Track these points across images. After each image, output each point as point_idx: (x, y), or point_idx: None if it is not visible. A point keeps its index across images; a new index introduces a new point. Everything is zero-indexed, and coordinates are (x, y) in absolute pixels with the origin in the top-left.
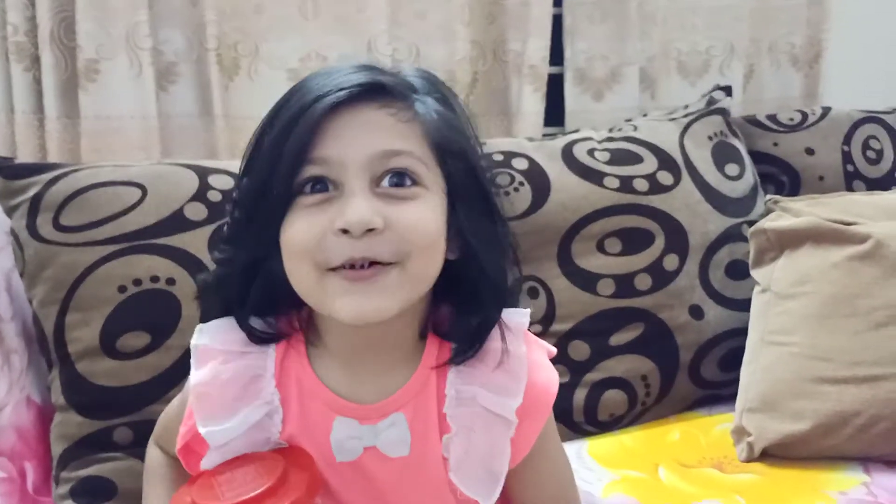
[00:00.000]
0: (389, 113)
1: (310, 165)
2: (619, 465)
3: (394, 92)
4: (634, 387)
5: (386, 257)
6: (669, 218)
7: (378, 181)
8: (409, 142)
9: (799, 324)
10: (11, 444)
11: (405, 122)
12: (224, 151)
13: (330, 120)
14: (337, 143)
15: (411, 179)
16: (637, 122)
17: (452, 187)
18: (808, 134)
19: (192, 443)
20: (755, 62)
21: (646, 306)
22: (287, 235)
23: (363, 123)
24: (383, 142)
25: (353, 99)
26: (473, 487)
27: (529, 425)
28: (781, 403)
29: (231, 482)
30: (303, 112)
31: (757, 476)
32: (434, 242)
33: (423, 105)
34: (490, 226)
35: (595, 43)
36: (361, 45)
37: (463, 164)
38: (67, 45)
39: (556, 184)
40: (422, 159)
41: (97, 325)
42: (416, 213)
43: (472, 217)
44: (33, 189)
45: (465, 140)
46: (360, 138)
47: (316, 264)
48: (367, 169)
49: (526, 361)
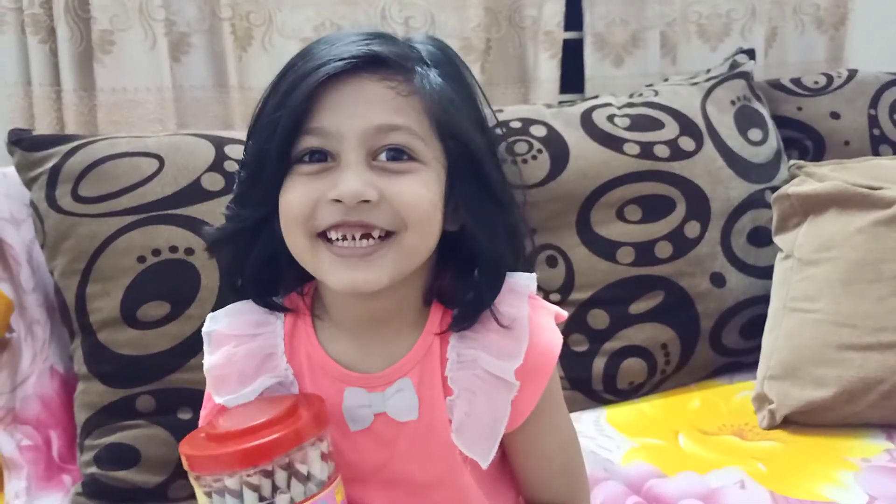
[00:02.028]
0: (389, 86)
1: (308, 136)
2: (639, 433)
3: (394, 64)
4: (654, 355)
5: (381, 224)
6: (691, 184)
7: (375, 155)
8: (407, 117)
9: (822, 290)
10: (36, 413)
11: (405, 95)
12: (239, 122)
13: (329, 90)
14: (335, 114)
15: (408, 154)
16: (658, 87)
17: (451, 163)
18: (833, 98)
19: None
20: (778, 25)
21: (666, 274)
22: (284, 201)
23: (361, 95)
24: (381, 116)
25: (352, 70)
26: (473, 448)
27: (531, 387)
28: (804, 370)
29: (244, 414)
30: (301, 81)
31: (778, 443)
32: (428, 217)
33: (426, 78)
34: (489, 202)
35: (614, 7)
36: (375, 13)
37: (463, 140)
38: (82, 16)
39: (575, 151)
40: (419, 135)
41: (118, 295)
42: (410, 188)
43: (470, 193)
44: (52, 161)
45: (468, 115)
46: (359, 111)
47: (309, 231)
48: (364, 142)
49: (527, 324)
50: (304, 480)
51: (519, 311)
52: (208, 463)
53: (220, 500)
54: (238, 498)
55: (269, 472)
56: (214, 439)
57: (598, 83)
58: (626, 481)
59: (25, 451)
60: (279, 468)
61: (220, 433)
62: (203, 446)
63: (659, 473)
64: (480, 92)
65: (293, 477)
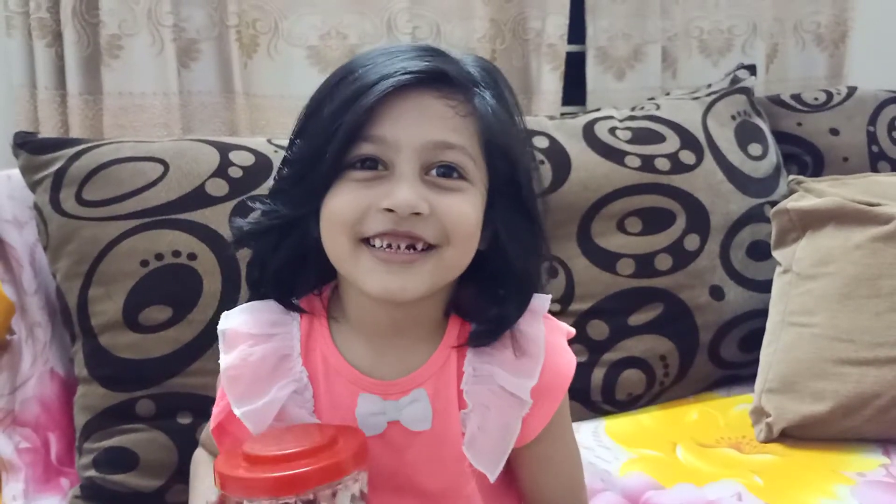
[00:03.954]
0: (449, 105)
1: (365, 143)
2: (637, 445)
3: (456, 83)
4: (653, 366)
5: (428, 237)
6: (691, 198)
7: (428, 169)
8: (463, 137)
9: (820, 304)
10: (36, 416)
11: (462, 115)
12: (244, 128)
13: (390, 101)
14: (394, 125)
15: (458, 173)
16: (659, 101)
17: (495, 184)
18: (832, 114)
19: (225, 422)
20: (779, 41)
21: (666, 286)
22: (331, 204)
23: (422, 110)
24: (439, 133)
25: (416, 84)
26: (483, 462)
27: (544, 406)
28: (801, 384)
29: (282, 439)
30: (366, 89)
31: (775, 456)
32: (472, 235)
33: (482, 101)
34: (525, 224)
35: (617, 21)
36: (381, 23)
37: (509, 164)
38: (90, 21)
39: (577, 162)
40: (471, 155)
41: (120, 299)
42: (459, 206)
43: (508, 215)
44: (56, 164)
45: (516, 138)
46: (418, 124)
47: (353, 235)
48: (419, 155)
49: (543, 344)
50: None
51: (536, 330)
52: (244, 486)
53: None
54: None
55: (310, 502)
56: (254, 462)
57: (600, 96)
58: (623, 493)
59: (24, 453)
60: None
61: (260, 455)
62: (241, 468)
63: (656, 485)
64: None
65: None
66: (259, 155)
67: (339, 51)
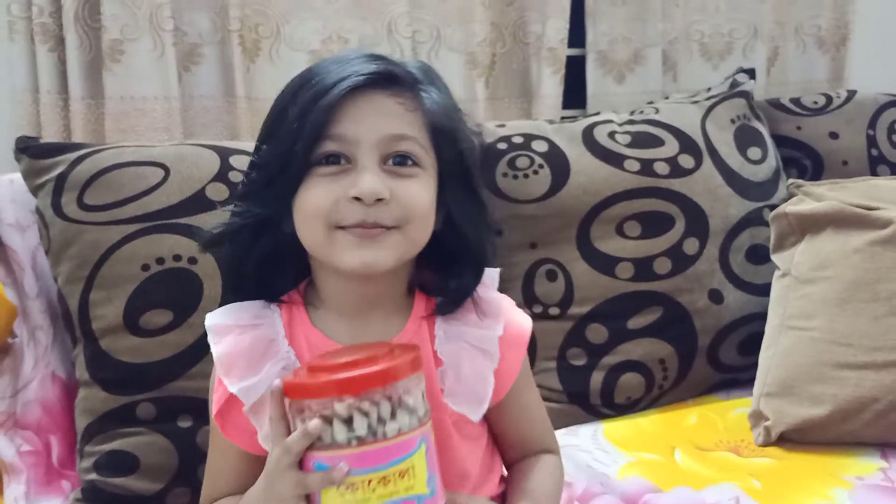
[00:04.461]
0: (399, 102)
1: (328, 141)
2: (635, 448)
3: (402, 82)
4: (652, 370)
5: (389, 222)
6: (690, 201)
7: (385, 160)
8: (413, 128)
9: (819, 308)
10: (37, 419)
11: (411, 110)
12: (246, 133)
13: (347, 102)
14: (353, 123)
15: (412, 161)
16: (659, 105)
17: (444, 169)
18: (832, 118)
19: (225, 408)
20: (780, 45)
21: (665, 290)
22: (303, 198)
23: (376, 108)
24: (393, 126)
25: (368, 85)
26: (463, 406)
27: (511, 356)
28: (800, 388)
29: (348, 352)
30: (325, 92)
31: (773, 460)
32: (428, 213)
33: (427, 96)
34: (473, 202)
35: (617, 25)
36: (382, 27)
37: (454, 150)
38: (92, 26)
39: (576, 166)
40: (422, 144)
41: (121, 303)
42: (415, 189)
43: (458, 195)
44: (58, 168)
45: (458, 129)
46: (374, 121)
47: (328, 223)
48: (377, 148)
49: (501, 304)
50: (409, 412)
51: (493, 295)
52: (323, 388)
53: (327, 427)
54: (348, 424)
55: (376, 402)
56: (326, 369)
57: (600, 100)
58: (622, 496)
59: (25, 455)
60: (385, 399)
61: (332, 364)
62: (315, 375)
63: (654, 489)
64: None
65: (399, 408)
66: None
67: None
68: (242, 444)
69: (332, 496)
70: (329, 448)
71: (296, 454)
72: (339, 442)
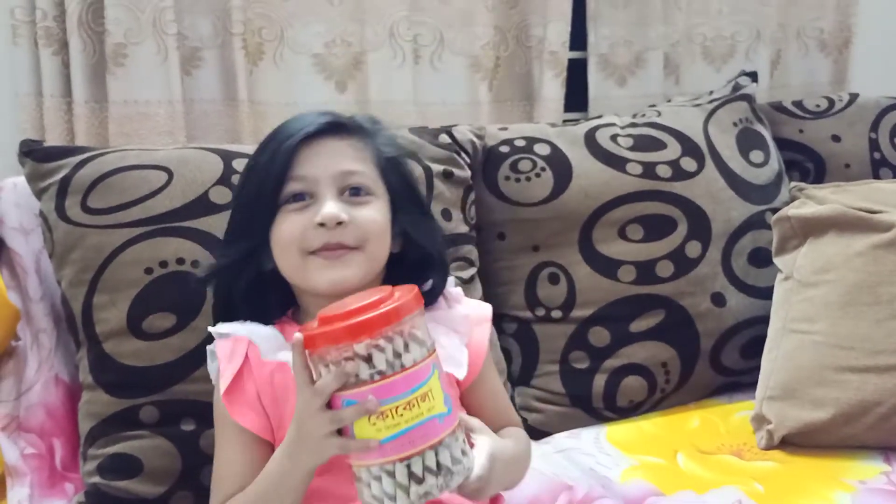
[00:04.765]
0: (348, 144)
1: (292, 182)
2: (638, 451)
3: (350, 129)
4: (654, 373)
5: (351, 242)
6: (692, 205)
7: (342, 192)
8: (362, 164)
9: (821, 312)
10: (41, 422)
11: (359, 150)
12: (248, 136)
13: (305, 148)
14: (312, 165)
15: (365, 191)
16: (661, 108)
17: (394, 195)
18: (834, 121)
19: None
20: (782, 48)
21: (667, 293)
22: (278, 231)
23: (330, 151)
24: (344, 164)
25: (321, 133)
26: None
27: (478, 331)
28: (802, 391)
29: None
30: (285, 141)
31: (776, 464)
32: (383, 232)
33: (372, 138)
34: (424, 220)
35: (618, 28)
36: (383, 30)
37: (400, 178)
38: (95, 29)
39: (578, 170)
40: (371, 176)
41: (124, 306)
42: (369, 212)
43: (410, 215)
44: (62, 172)
45: (400, 161)
46: (328, 161)
47: (300, 250)
48: (334, 183)
49: (461, 294)
50: (419, 343)
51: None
52: (341, 334)
53: (353, 365)
54: (368, 362)
55: (390, 339)
56: (339, 318)
57: (602, 103)
58: (624, 499)
59: (29, 458)
60: (397, 335)
61: (342, 312)
62: (330, 324)
63: (657, 492)
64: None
65: (411, 341)
66: None
67: (343, 58)
68: (251, 426)
69: (365, 426)
70: (355, 386)
71: (327, 396)
72: (364, 379)
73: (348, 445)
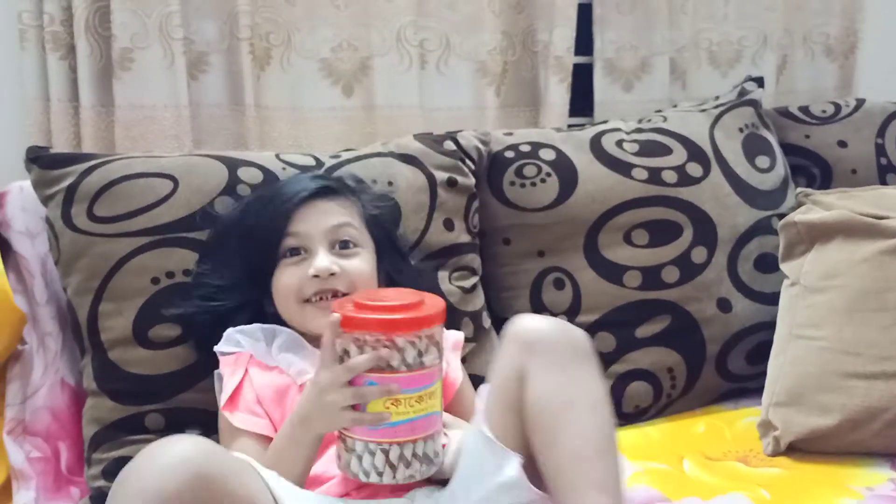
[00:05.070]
0: (337, 203)
1: (289, 238)
2: (644, 457)
3: (339, 191)
4: (660, 379)
5: (342, 289)
6: (698, 210)
7: (333, 245)
8: (350, 220)
9: (827, 317)
10: (46, 425)
11: (346, 207)
12: (254, 141)
13: (300, 209)
14: (306, 223)
15: (353, 243)
16: (667, 113)
17: (378, 246)
18: (840, 126)
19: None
20: (788, 53)
21: (673, 298)
22: (278, 283)
23: (322, 210)
24: (334, 220)
25: (313, 196)
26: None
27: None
28: (809, 397)
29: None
30: (282, 205)
31: (782, 470)
32: (370, 279)
33: (357, 197)
34: (406, 265)
35: (624, 33)
36: (390, 35)
37: (383, 231)
38: (102, 34)
39: (584, 175)
40: (358, 230)
41: (130, 315)
42: (357, 263)
43: (393, 262)
44: (68, 179)
45: (384, 215)
46: (320, 219)
47: (297, 299)
48: (325, 237)
49: None
50: (437, 349)
51: None
52: (388, 324)
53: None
54: (401, 353)
55: (422, 339)
56: (380, 309)
57: (608, 108)
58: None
59: (34, 462)
60: (427, 337)
61: (382, 305)
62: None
63: (663, 498)
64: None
65: (434, 346)
66: (267, 171)
67: (350, 63)
68: (253, 426)
69: (378, 406)
70: (382, 371)
71: (356, 373)
72: (393, 367)
73: (363, 419)
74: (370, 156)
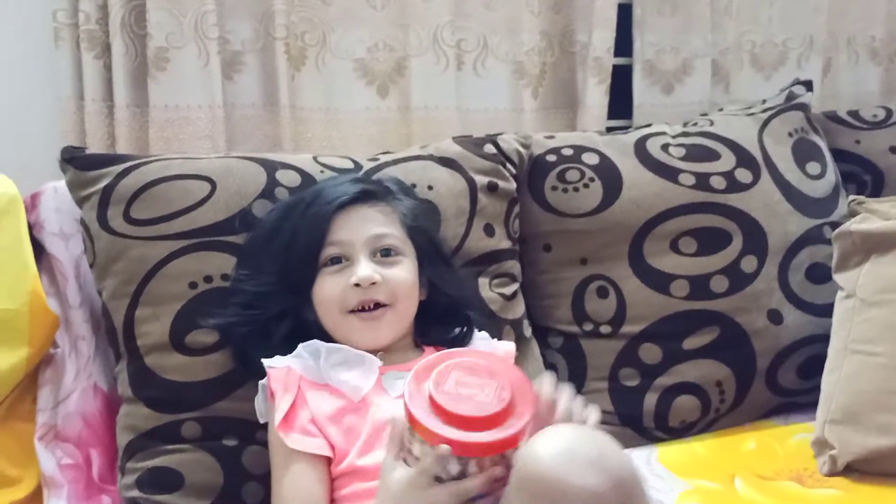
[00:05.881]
0: (378, 210)
1: (331, 246)
2: (693, 475)
3: (380, 195)
4: (708, 393)
5: (384, 299)
6: (748, 217)
7: (374, 253)
8: (392, 228)
9: (885, 333)
10: (78, 431)
11: (388, 214)
12: (289, 142)
13: (340, 215)
14: (347, 230)
15: (395, 251)
16: (713, 117)
17: (420, 253)
18: (892, 132)
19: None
20: (832, 56)
21: (721, 309)
22: (320, 292)
23: (362, 217)
24: (376, 228)
25: (353, 201)
26: None
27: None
28: (866, 416)
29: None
30: (322, 210)
31: (840, 492)
32: (412, 290)
33: (399, 203)
34: (447, 271)
35: (665, 35)
36: (427, 35)
37: (424, 237)
38: (138, 33)
39: (629, 180)
40: (399, 238)
41: (167, 321)
42: (399, 272)
43: (435, 268)
44: (104, 181)
45: (425, 221)
46: (362, 226)
47: (340, 309)
48: (367, 246)
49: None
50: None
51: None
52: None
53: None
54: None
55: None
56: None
57: (647, 110)
58: None
59: (66, 469)
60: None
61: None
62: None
63: None
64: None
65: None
66: (305, 175)
67: (386, 63)
68: (308, 447)
69: None
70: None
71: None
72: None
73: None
74: (408, 159)
